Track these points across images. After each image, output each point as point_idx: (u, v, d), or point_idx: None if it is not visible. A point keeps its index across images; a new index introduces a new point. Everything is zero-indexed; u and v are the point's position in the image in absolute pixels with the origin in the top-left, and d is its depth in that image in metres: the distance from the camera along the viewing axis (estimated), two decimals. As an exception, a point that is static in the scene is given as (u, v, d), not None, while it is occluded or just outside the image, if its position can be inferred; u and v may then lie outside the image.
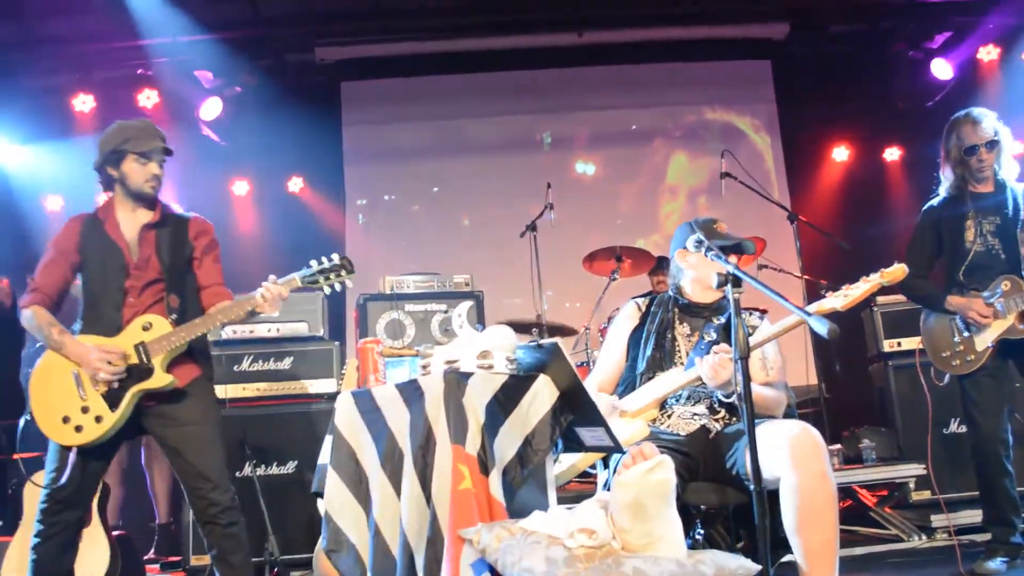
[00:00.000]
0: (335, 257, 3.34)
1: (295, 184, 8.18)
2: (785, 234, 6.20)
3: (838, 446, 5.13)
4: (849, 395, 6.31)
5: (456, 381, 2.54)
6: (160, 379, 3.24)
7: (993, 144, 3.98)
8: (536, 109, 8.12)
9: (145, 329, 3.27)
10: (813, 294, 5.94)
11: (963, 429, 4.82)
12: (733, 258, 3.15)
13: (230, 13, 7.03)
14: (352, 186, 8.10)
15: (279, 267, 3.52)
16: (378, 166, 8.11)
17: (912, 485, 4.88)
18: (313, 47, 7.62)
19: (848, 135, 8.48)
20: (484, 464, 2.43)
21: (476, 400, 2.51)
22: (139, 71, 7.09)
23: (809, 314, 2.32)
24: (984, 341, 3.90)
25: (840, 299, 2.76)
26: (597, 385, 3.33)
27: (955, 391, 4.08)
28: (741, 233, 3.13)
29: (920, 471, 4.84)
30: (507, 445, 2.52)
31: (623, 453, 2.50)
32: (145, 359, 3.24)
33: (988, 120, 4.02)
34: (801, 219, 5.84)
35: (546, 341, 2.59)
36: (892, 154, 8.50)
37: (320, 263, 3.34)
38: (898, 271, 2.76)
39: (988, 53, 7.64)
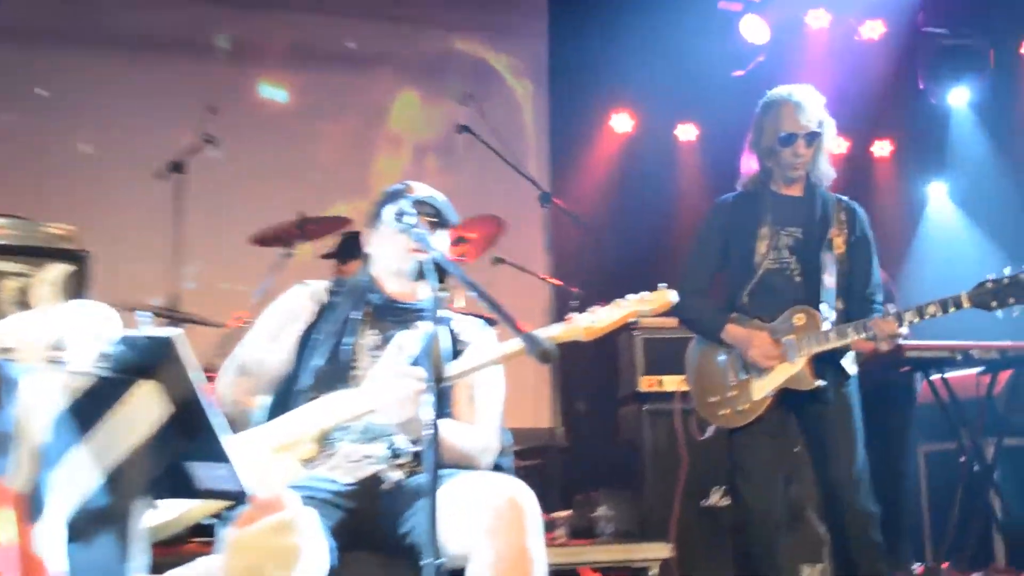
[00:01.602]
0: None
1: None
2: (534, 220, 6.38)
3: (567, 513, 5.33)
4: (594, 445, 6.61)
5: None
6: None
7: (814, 137, 4.28)
8: (212, -5, 7.88)
9: None
10: (563, 304, 6.16)
11: (727, 502, 5.16)
12: (443, 240, 3.16)
13: None
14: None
15: None
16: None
17: (654, 572, 5.15)
18: None
19: (633, 100, 8.89)
20: (32, 507, 2.24)
21: (34, 412, 2.31)
22: None
23: (519, 328, 2.33)
24: (763, 388, 4.19)
25: (583, 325, 2.82)
26: (237, 394, 3.27)
27: (721, 449, 4.35)
28: (475, 211, 3.16)
29: (665, 553, 5.11)
30: (74, 480, 2.34)
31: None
32: None
33: (814, 105, 4.30)
34: (557, 203, 6.03)
35: (162, 330, 2.44)
36: (686, 132, 9.03)
37: None
38: (663, 298, 2.86)
39: (818, 19, 8.28)
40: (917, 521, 6.34)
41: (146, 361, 2.48)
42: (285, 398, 3.19)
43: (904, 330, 4.03)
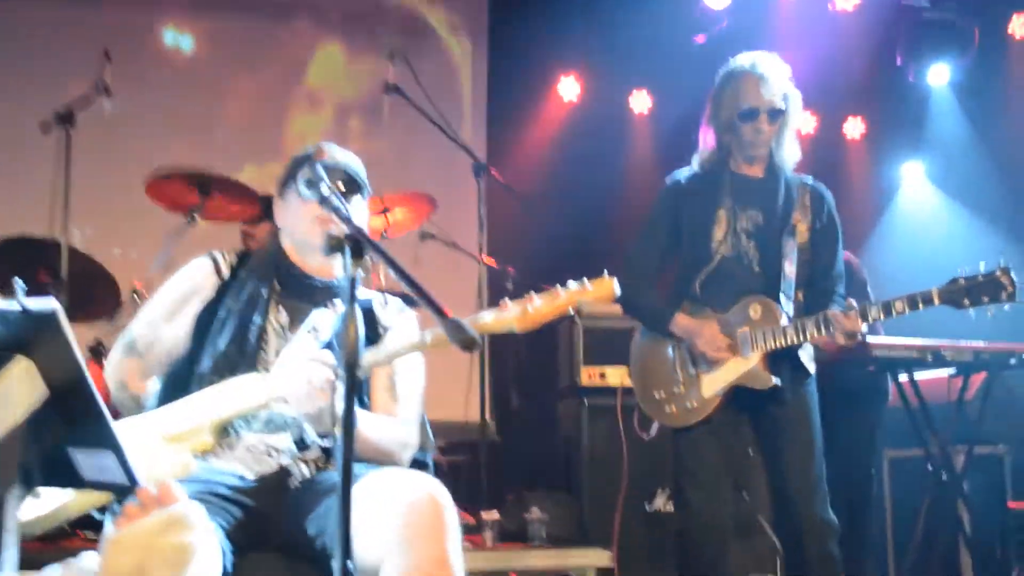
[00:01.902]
0: None
1: None
2: (468, 193, 6.38)
3: (496, 515, 5.34)
4: (528, 441, 6.64)
5: None
6: None
7: (777, 114, 4.30)
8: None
9: None
10: (496, 286, 6.17)
11: (672, 506, 5.21)
12: (361, 211, 3.15)
13: None
14: None
15: None
16: None
17: (592, 580, 5.21)
18: None
19: (582, 64, 8.93)
20: None
21: None
22: None
23: (443, 313, 2.32)
24: (714, 385, 4.22)
25: (517, 312, 2.82)
26: (126, 376, 3.24)
27: (667, 450, 4.38)
28: (402, 181, 3.15)
29: (604, 561, 5.16)
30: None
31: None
32: None
33: (779, 78, 4.32)
34: (494, 174, 6.03)
35: (41, 301, 2.41)
36: (640, 102, 9.07)
37: None
38: (606, 288, 2.87)
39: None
40: (880, 533, 6.45)
41: (23, 336, 2.45)
42: (182, 382, 3.16)
43: (865, 327, 4.07)
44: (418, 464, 3.31)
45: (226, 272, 3.35)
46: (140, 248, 6.90)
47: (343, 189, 3.23)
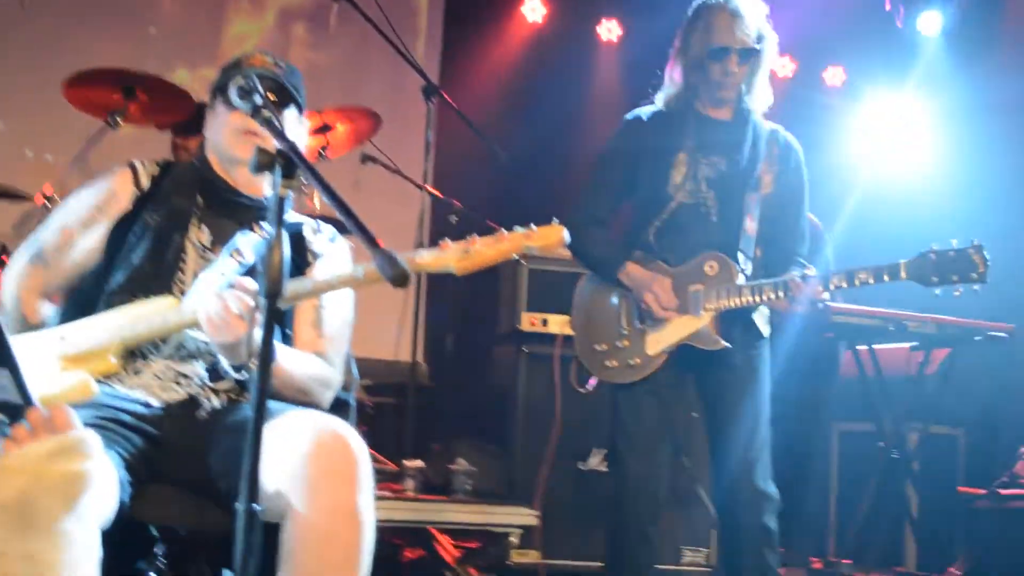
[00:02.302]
0: None
1: None
2: (416, 116, 6.36)
3: (420, 464, 5.36)
4: (460, 387, 6.65)
5: None
6: None
7: (749, 54, 4.27)
8: None
9: None
10: (439, 219, 6.16)
11: (605, 466, 5.26)
12: (295, 125, 3.15)
13: None
14: None
15: None
16: None
17: (514, 540, 5.24)
18: None
19: (550, -16, 8.87)
20: None
21: None
22: None
23: (376, 244, 2.30)
24: (660, 342, 4.23)
25: (459, 255, 2.81)
26: (23, 290, 3.22)
27: (605, 405, 4.40)
28: (346, 97, 3.11)
29: (529, 520, 5.23)
30: None
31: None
32: None
33: (754, 16, 4.29)
34: (445, 98, 5.99)
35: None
36: (609, 30, 9.03)
37: None
38: (554, 236, 2.87)
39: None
40: (822, 509, 6.53)
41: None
42: (89, 301, 3.15)
43: (827, 295, 4.09)
44: (339, 404, 3.32)
45: (146, 183, 3.31)
46: (55, 151, 6.80)
47: (275, 100, 3.20)
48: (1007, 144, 7.64)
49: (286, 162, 2.43)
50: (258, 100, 2.74)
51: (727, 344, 4.15)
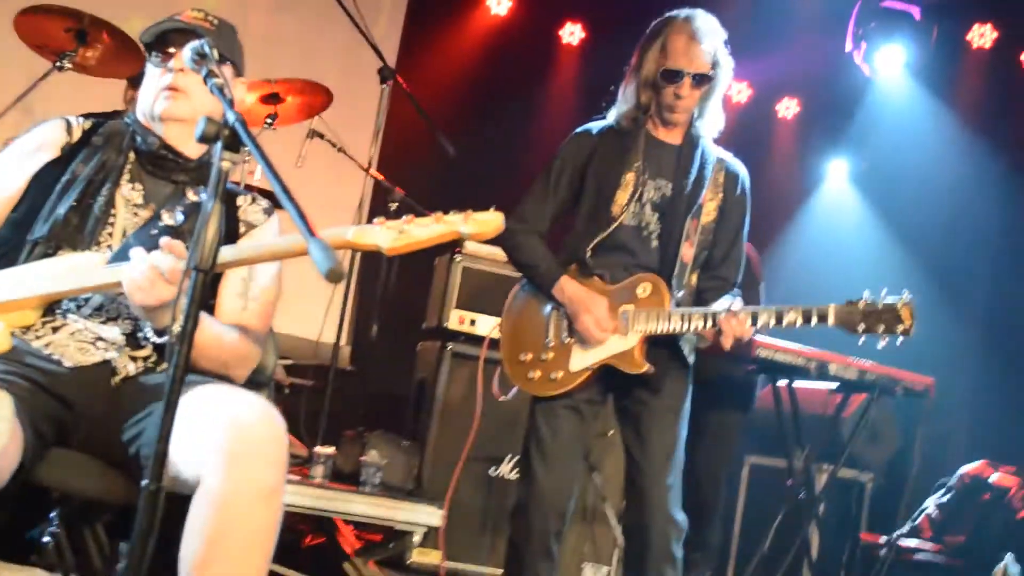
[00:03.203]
0: None
1: None
2: (368, 96, 6.31)
3: (331, 449, 5.33)
4: (380, 376, 6.62)
5: None
6: None
7: (703, 80, 4.25)
8: None
9: None
10: (380, 204, 6.13)
11: (516, 475, 5.25)
12: (245, 90, 3.11)
13: None
14: None
15: None
16: None
17: (417, 539, 5.23)
18: None
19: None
20: None
21: None
22: None
23: (312, 234, 2.28)
24: (584, 359, 4.21)
25: (391, 234, 2.75)
26: None
27: (522, 414, 4.39)
28: (300, 68, 3.05)
29: (435, 521, 5.22)
30: None
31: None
32: None
33: (712, 41, 4.27)
34: (400, 82, 5.96)
35: None
36: (572, 33, 9.03)
37: None
38: (491, 223, 2.81)
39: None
40: (725, 540, 6.57)
41: None
42: (8, 250, 3.09)
43: (752, 331, 4.09)
44: (256, 381, 3.29)
45: (77, 135, 3.26)
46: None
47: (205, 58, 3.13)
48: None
49: (232, 134, 2.40)
50: (212, 65, 2.66)
51: (651, 368, 4.14)
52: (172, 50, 3.17)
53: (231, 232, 3.23)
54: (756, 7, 8.08)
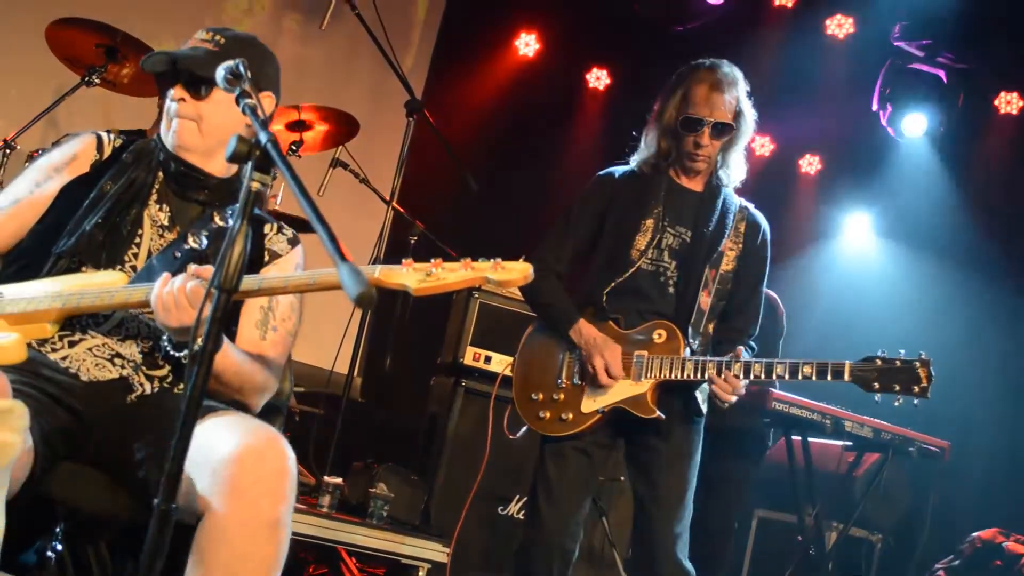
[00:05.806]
0: None
1: None
2: (394, 128, 6.33)
3: (339, 481, 5.31)
4: (393, 409, 6.61)
5: None
6: None
7: (724, 130, 4.25)
8: None
9: None
10: (399, 236, 6.13)
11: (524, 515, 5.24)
12: (272, 103, 3.15)
13: None
14: None
15: None
16: None
17: (421, 575, 5.20)
18: None
19: (543, 25, 8.88)
20: None
21: None
22: None
23: (344, 258, 2.27)
24: (595, 402, 4.21)
25: (418, 276, 2.74)
26: None
27: (533, 454, 4.38)
28: (327, 96, 3.08)
29: (440, 557, 5.18)
30: None
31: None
32: None
33: (735, 90, 4.28)
34: (427, 116, 5.97)
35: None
36: (597, 78, 9.05)
37: None
38: (519, 272, 2.80)
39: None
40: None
41: None
42: (35, 259, 3.09)
43: (743, 390, 4.08)
44: (271, 409, 3.28)
45: (108, 152, 3.27)
46: (18, 103, 6.71)
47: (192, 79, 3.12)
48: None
49: (263, 156, 2.38)
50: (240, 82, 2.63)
51: (662, 415, 4.12)
52: (170, 80, 3.18)
53: (256, 259, 3.23)
54: (783, 61, 8.11)
